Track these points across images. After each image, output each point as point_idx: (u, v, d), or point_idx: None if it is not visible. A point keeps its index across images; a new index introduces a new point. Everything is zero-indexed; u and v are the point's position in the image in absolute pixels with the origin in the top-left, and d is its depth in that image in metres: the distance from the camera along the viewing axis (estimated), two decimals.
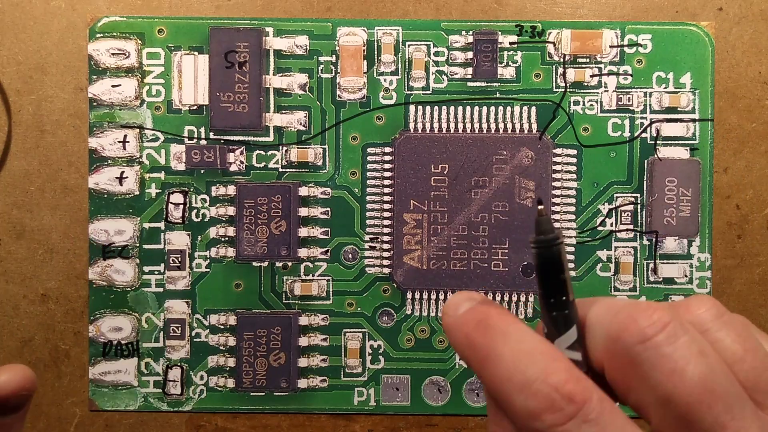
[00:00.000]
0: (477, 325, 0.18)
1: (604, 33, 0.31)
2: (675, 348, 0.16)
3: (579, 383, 0.16)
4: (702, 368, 0.16)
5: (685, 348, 0.16)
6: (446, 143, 0.31)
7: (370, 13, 0.31)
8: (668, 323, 0.17)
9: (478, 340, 0.18)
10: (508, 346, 0.17)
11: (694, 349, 0.16)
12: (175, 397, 0.32)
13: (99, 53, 0.31)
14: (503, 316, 0.18)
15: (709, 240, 0.31)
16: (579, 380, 0.16)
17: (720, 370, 0.16)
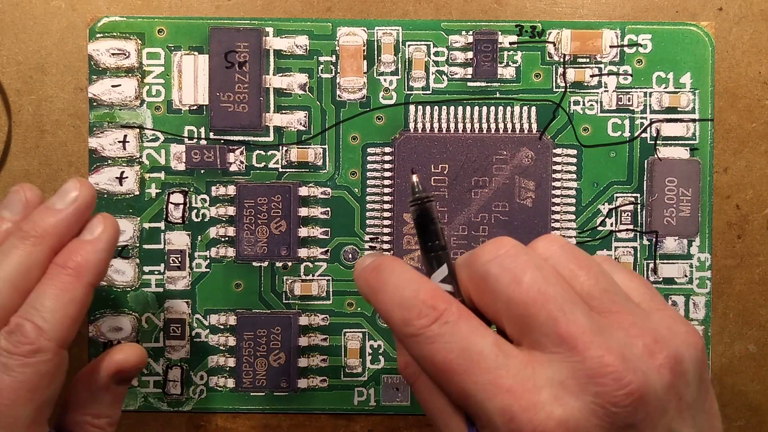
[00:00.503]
0: (372, 269, 0.23)
1: (604, 33, 0.31)
2: (515, 263, 0.20)
3: (440, 297, 0.21)
4: (536, 275, 0.20)
5: (524, 263, 0.20)
6: (446, 143, 0.31)
7: (370, 13, 0.31)
8: (511, 247, 0.21)
9: (373, 280, 0.22)
10: (392, 279, 0.22)
11: (531, 263, 0.20)
12: (175, 397, 0.32)
13: (99, 53, 0.31)
14: (393, 260, 0.23)
15: (709, 240, 0.31)
16: (441, 295, 0.21)
17: (553, 278, 0.20)
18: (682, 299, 0.31)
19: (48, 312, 0.24)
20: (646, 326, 0.20)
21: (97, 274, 0.25)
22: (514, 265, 0.20)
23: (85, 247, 0.25)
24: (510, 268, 0.20)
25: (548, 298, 0.20)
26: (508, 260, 0.20)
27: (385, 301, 0.22)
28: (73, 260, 0.25)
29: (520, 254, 0.20)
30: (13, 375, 0.23)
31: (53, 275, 0.25)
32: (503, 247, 0.21)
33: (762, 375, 0.32)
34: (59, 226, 0.25)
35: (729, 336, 0.32)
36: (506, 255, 0.20)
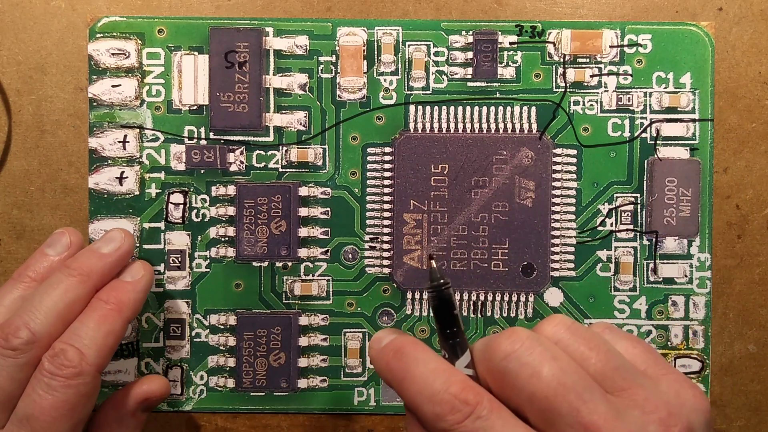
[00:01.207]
0: (394, 354, 0.23)
1: (604, 33, 0.31)
2: (532, 357, 0.21)
3: (472, 390, 0.21)
4: (554, 368, 0.20)
5: (540, 355, 0.21)
6: (446, 143, 0.31)
7: (370, 13, 0.31)
8: (525, 339, 0.21)
9: (395, 366, 0.22)
10: (418, 368, 0.22)
11: (547, 355, 0.21)
12: (175, 397, 0.32)
13: (99, 53, 0.31)
14: (415, 345, 0.23)
15: (709, 240, 0.31)
16: (472, 388, 0.21)
17: (570, 368, 0.21)
18: (682, 299, 0.31)
19: (89, 339, 0.26)
20: (658, 399, 0.21)
21: (134, 312, 0.28)
22: (531, 359, 0.21)
23: (126, 287, 0.28)
24: (528, 363, 0.21)
25: (568, 388, 0.20)
26: (525, 354, 0.21)
27: (413, 393, 0.22)
28: (115, 297, 0.28)
29: (535, 346, 0.21)
30: (55, 395, 0.25)
31: (96, 308, 0.27)
32: (518, 341, 0.21)
33: (762, 375, 0.32)
34: (104, 269, 0.28)
35: (729, 336, 0.32)
36: (522, 349, 0.21)
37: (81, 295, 0.27)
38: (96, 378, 0.26)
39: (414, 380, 0.22)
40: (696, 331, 0.31)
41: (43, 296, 0.27)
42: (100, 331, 0.27)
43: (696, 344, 0.31)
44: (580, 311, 0.31)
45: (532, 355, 0.21)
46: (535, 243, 0.31)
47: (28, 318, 0.26)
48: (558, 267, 0.31)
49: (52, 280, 0.27)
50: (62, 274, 0.27)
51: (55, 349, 0.26)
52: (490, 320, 0.31)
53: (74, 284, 0.27)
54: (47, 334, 0.26)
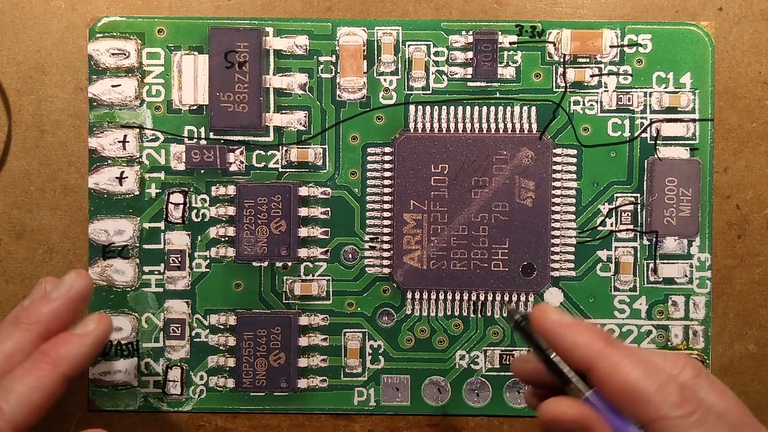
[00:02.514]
0: (607, 337, 0.23)
1: (604, 33, 0.31)
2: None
3: (690, 392, 0.22)
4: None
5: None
6: (446, 143, 0.31)
7: (370, 13, 0.31)
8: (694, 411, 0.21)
9: (617, 347, 0.22)
10: (640, 353, 0.23)
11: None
12: (175, 397, 0.32)
13: (99, 53, 0.31)
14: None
15: (709, 240, 0.31)
16: (689, 390, 0.22)
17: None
18: (682, 299, 0.31)
19: (14, 395, 0.25)
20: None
21: (75, 368, 0.26)
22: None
23: (71, 340, 0.26)
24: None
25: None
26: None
27: (638, 373, 0.22)
28: (55, 351, 0.26)
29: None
30: None
31: (32, 361, 0.26)
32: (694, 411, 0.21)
33: (762, 375, 0.32)
34: (50, 314, 0.27)
35: (729, 336, 0.32)
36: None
37: (22, 345, 0.26)
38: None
39: (637, 363, 0.22)
40: (696, 331, 0.31)
41: (15, 383, 0.25)
42: (25, 386, 0.25)
43: (696, 344, 0.31)
44: (580, 311, 0.31)
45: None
46: (535, 243, 0.31)
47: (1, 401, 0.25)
48: (558, 267, 0.31)
49: (2, 332, 0.26)
50: (9, 323, 0.27)
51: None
52: (490, 320, 0.31)
53: (18, 335, 0.26)
54: (22, 424, 0.25)
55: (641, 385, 0.21)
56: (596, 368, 0.22)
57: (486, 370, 0.32)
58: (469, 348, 0.32)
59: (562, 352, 0.23)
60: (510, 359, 0.31)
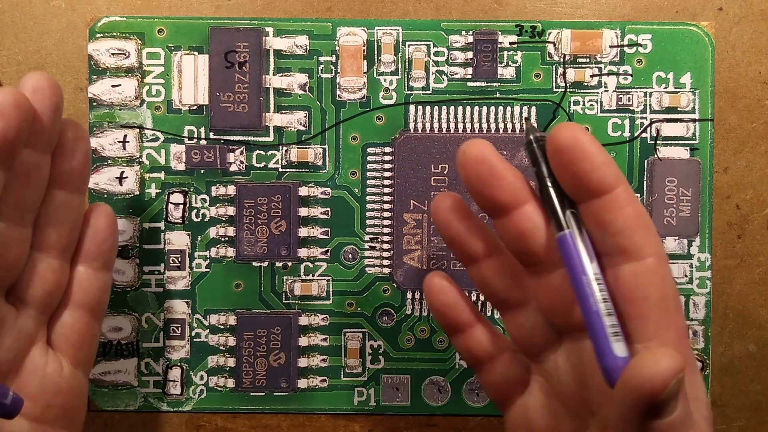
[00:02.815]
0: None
1: (604, 33, 0.31)
2: None
3: None
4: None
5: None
6: (446, 143, 0.31)
7: (370, 13, 0.31)
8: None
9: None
10: None
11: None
12: (175, 397, 0.32)
13: (99, 53, 0.31)
14: None
15: (709, 240, 0.31)
16: None
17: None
18: (682, 299, 0.31)
19: None
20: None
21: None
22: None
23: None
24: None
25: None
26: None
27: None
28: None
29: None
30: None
31: None
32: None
33: (762, 375, 0.32)
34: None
35: (729, 336, 0.32)
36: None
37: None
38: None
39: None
40: (696, 331, 0.31)
41: None
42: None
43: (696, 344, 0.31)
44: None
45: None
46: None
47: None
48: None
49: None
50: None
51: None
52: (490, 320, 0.31)
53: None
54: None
55: (648, 217, 0.21)
56: (622, 189, 0.21)
57: None
58: None
59: (586, 168, 0.21)
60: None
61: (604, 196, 0.21)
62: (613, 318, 0.20)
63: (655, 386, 0.18)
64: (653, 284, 0.20)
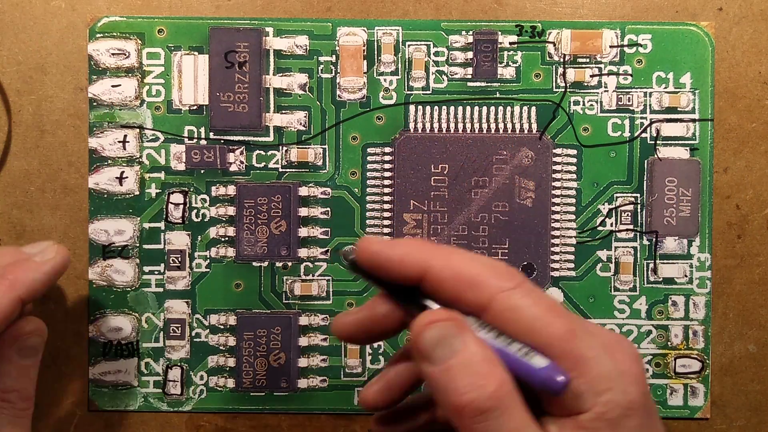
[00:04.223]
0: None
1: (604, 33, 0.31)
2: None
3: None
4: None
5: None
6: (446, 143, 0.31)
7: (370, 13, 0.31)
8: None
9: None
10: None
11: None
12: (175, 397, 0.32)
13: (99, 53, 0.31)
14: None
15: (709, 240, 0.31)
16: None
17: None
18: (682, 299, 0.31)
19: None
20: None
21: (31, 293, 0.26)
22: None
23: (30, 266, 0.27)
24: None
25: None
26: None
27: (468, 261, 0.22)
28: (13, 274, 0.26)
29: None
30: None
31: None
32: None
33: (762, 375, 0.32)
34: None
35: (729, 336, 0.32)
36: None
37: (6, 309, 0.26)
38: None
39: (464, 254, 0.22)
40: (696, 331, 0.31)
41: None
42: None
43: (696, 344, 0.31)
44: (581, 311, 0.31)
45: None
46: (535, 243, 0.31)
47: None
48: (558, 267, 0.31)
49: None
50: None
51: None
52: None
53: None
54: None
55: (474, 269, 0.21)
56: (431, 265, 0.21)
57: None
58: None
59: (396, 265, 0.22)
60: None
61: (425, 278, 0.22)
62: (516, 343, 0.20)
63: (420, 328, 0.21)
64: (515, 311, 0.21)
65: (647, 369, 0.31)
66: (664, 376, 0.31)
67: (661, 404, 0.31)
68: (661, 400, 0.31)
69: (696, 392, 0.31)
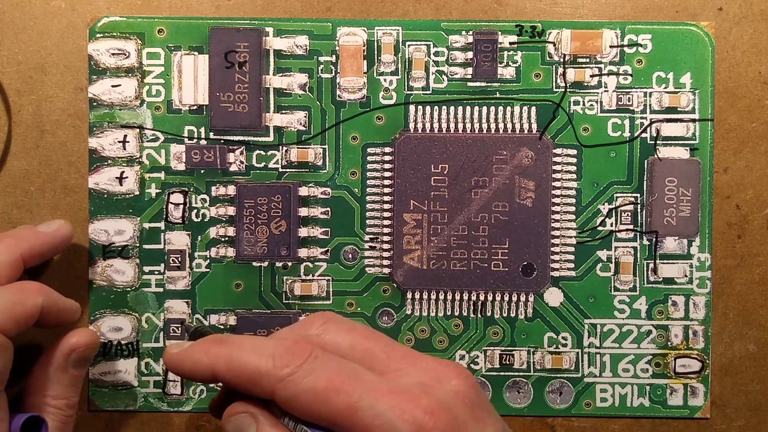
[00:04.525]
0: (215, 342, 0.24)
1: (604, 33, 0.31)
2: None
3: (305, 342, 0.23)
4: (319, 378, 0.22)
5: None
6: (446, 143, 0.31)
7: (370, 13, 0.31)
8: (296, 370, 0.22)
9: (219, 348, 0.23)
10: (245, 341, 0.23)
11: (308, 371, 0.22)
12: (175, 397, 0.32)
13: (99, 53, 0.31)
14: (228, 335, 0.25)
15: (709, 240, 0.31)
16: (304, 341, 0.23)
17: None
18: (682, 299, 0.31)
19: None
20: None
21: (33, 254, 0.28)
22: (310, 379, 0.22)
23: (35, 231, 0.29)
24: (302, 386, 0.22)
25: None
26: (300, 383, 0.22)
27: (246, 360, 0.22)
28: (17, 234, 0.29)
29: (302, 374, 0.22)
30: None
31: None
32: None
33: (762, 375, 0.32)
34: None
35: (729, 336, 0.32)
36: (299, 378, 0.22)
37: (7, 259, 0.28)
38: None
39: (245, 349, 0.23)
40: (696, 331, 0.31)
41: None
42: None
43: (696, 344, 0.31)
44: (580, 311, 0.31)
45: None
46: (535, 243, 0.31)
47: None
48: (558, 267, 0.31)
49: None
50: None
51: None
52: (490, 320, 0.31)
53: (1, 248, 0.28)
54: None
55: (251, 363, 0.22)
56: (216, 372, 0.23)
57: (486, 370, 0.32)
58: (469, 348, 0.32)
59: (190, 377, 0.24)
60: (509, 359, 0.31)
61: (218, 379, 0.23)
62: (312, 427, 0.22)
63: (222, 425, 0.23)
64: (295, 400, 0.22)
65: (647, 369, 0.31)
66: (664, 376, 0.31)
67: (661, 404, 0.31)
68: (661, 400, 0.31)
69: (696, 392, 0.31)
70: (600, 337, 0.31)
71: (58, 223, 0.30)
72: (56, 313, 0.28)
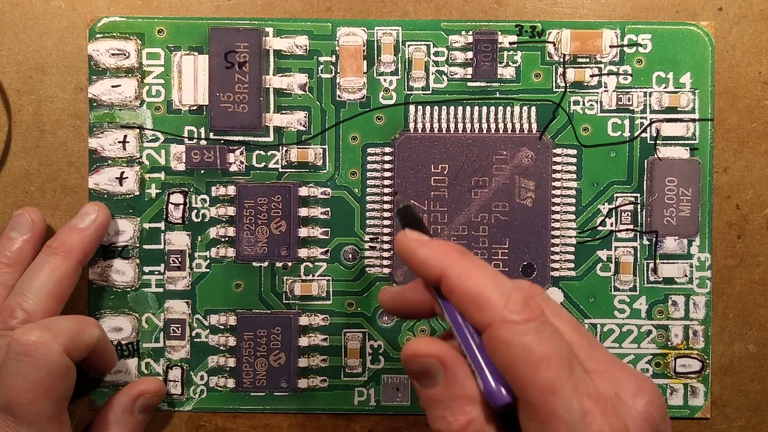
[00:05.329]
0: (461, 250, 0.23)
1: (604, 33, 0.31)
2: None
3: (534, 301, 0.22)
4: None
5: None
6: (446, 143, 0.31)
7: (370, 13, 0.31)
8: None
9: (466, 258, 0.23)
10: (488, 267, 0.23)
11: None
12: (175, 397, 0.32)
13: (99, 53, 0.31)
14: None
15: (709, 240, 0.31)
16: (533, 299, 0.22)
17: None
18: (682, 299, 0.31)
19: (31, 290, 0.28)
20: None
21: (85, 255, 0.30)
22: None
23: (77, 232, 0.30)
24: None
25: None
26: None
27: (484, 280, 0.22)
28: (63, 245, 0.29)
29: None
30: (24, 373, 0.26)
31: (42, 257, 0.29)
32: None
33: (762, 375, 0.32)
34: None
35: (729, 336, 0.32)
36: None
37: (68, 271, 0.29)
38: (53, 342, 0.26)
39: (485, 273, 0.22)
40: (696, 331, 0.31)
41: (32, 278, 0.28)
42: (41, 279, 0.28)
43: (696, 344, 0.31)
44: (580, 311, 0.31)
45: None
46: (535, 243, 0.31)
47: (21, 299, 0.28)
48: (558, 267, 0.31)
49: (37, 261, 0.29)
50: (46, 254, 0.29)
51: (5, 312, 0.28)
52: None
53: (59, 262, 0.29)
54: (41, 312, 0.28)
55: (485, 288, 0.21)
56: (447, 275, 0.22)
57: None
58: None
59: (416, 265, 0.23)
60: None
61: (441, 283, 0.23)
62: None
63: (405, 357, 0.22)
64: (507, 346, 0.21)
65: (647, 369, 0.31)
66: (664, 375, 0.31)
67: None
68: None
69: (696, 392, 0.31)
70: (600, 337, 0.31)
71: (92, 213, 0.30)
72: (102, 351, 0.29)
